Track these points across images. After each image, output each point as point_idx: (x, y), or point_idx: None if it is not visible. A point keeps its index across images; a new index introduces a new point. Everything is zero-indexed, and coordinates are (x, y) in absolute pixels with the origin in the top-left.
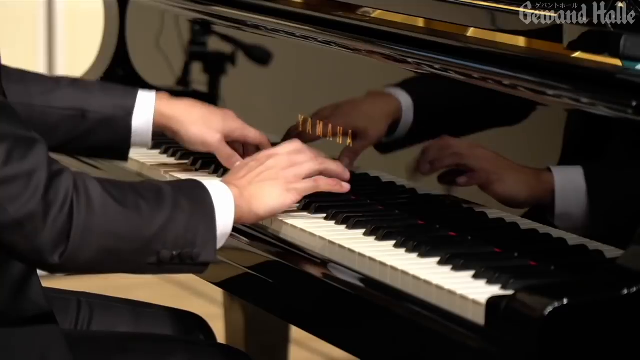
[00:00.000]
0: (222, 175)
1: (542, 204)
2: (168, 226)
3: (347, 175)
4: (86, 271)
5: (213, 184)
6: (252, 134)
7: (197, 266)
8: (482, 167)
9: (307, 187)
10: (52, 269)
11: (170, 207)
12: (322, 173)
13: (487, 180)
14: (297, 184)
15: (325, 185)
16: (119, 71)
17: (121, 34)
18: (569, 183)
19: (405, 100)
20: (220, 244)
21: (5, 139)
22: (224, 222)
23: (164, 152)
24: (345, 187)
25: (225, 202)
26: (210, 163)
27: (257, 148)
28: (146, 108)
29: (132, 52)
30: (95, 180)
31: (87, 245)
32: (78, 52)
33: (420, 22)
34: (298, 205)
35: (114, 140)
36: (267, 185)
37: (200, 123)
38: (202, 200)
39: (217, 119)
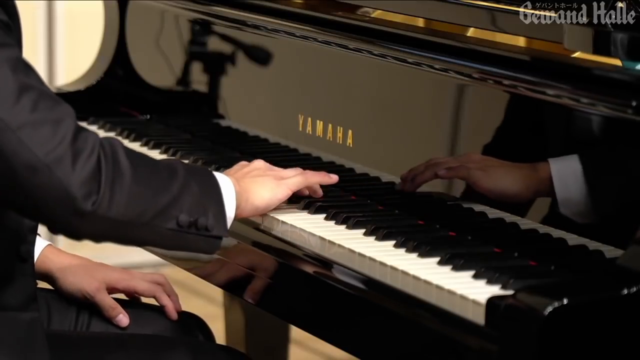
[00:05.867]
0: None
1: (541, 196)
2: (183, 192)
3: (333, 178)
4: (113, 233)
5: (215, 173)
6: (141, 286)
7: (211, 239)
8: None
9: (297, 181)
10: (84, 222)
11: (184, 176)
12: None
13: (476, 175)
14: (287, 179)
15: (313, 176)
16: (119, 71)
17: (121, 34)
18: (569, 176)
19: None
20: (228, 224)
21: (32, 90)
22: (228, 205)
23: (164, 152)
24: (334, 177)
25: (227, 187)
26: (211, 163)
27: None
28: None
29: (132, 52)
30: (119, 142)
31: (116, 199)
32: (78, 52)
33: (420, 22)
34: (297, 205)
35: None
36: (259, 180)
37: (81, 272)
38: (209, 178)
39: (99, 269)
